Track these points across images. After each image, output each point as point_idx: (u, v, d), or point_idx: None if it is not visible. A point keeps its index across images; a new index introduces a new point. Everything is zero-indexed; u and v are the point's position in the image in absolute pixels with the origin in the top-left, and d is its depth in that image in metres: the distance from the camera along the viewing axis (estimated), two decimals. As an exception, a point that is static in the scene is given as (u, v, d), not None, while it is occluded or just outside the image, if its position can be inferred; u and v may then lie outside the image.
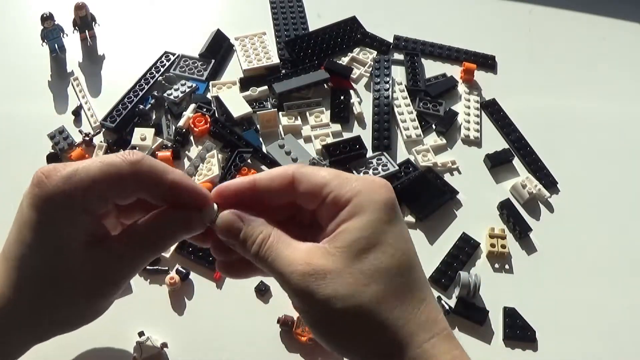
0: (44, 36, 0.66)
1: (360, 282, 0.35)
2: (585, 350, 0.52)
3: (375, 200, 0.37)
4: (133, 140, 0.60)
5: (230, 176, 0.58)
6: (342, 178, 0.38)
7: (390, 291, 0.35)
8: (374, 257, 0.35)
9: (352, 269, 0.35)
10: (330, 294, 0.34)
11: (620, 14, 0.79)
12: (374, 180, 0.38)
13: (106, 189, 0.38)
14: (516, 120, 0.67)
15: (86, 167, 0.38)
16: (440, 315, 0.36)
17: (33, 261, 0.38)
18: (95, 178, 0.38)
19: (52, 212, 0.38)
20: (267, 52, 0.70)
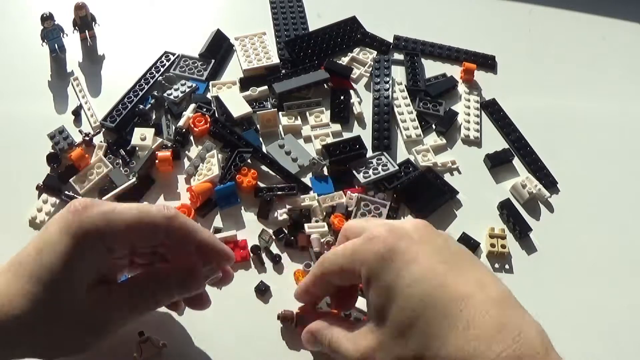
0: (44, 36, 0.66)
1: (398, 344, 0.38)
2: (585, 350, 0.52)
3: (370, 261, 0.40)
4: (133, 140, 0.60)
5: (230, 176, 0.58)
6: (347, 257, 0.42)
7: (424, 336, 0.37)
8: (395, 316, 0.38)
9: (386, 338, 0.39)
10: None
11: (620, 14, 0.79)
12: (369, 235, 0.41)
13: (137, 237, 0.40)
14: (516, 120, 0.67)
15: (123, 211, 0.39)
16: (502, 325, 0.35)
17: (49, 284, 0.38)
18: (130, 224, 0.39)
19: (81, 244, 0.38)
20: (267, 52, 0.70)
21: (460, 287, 0.37)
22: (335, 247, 0.45)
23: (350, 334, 0.42)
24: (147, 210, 0.40)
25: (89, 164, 0.59)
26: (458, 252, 0.41)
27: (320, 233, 0.55)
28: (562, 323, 0.53)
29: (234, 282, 0.53)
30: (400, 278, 0.38)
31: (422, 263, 0.38)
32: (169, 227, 0.40)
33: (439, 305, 0.36)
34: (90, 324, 0.40)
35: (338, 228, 0.54)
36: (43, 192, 0.57)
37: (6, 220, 0.56)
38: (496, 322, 0.35)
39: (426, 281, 0.37)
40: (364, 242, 0.41)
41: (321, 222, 0.56)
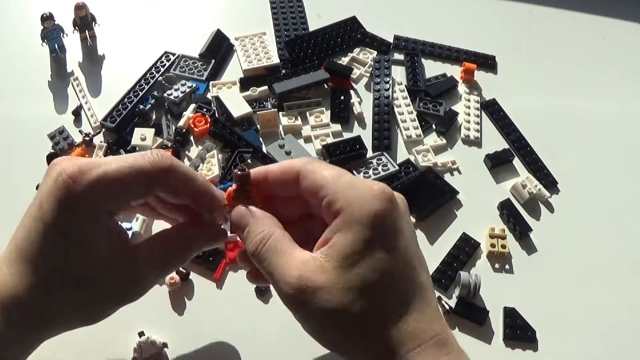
0: (44, 36, 0.66)
1: (349, 298, 0.35)
2: (585, 350, 0.52)
3: (366, 213, 0.36)
4: (133, 141, 0.60)
5: (229, 176, 0.58)
6: (339, 183, 0.38)
7: (378, 306, 0.36)
8: (363, 273, 0.36)
9: (342, 285, 0.35)
10: (320, 309, 0.35)
11: (620, 14, 0.79)
12: (371, 188, 0.37)
13: (133, 196, 0.39)
14: (516, 120, 0.67)
15: (114, 171, 0.38)
16: (434, 323, 0.37)
17: (57, 263, 0.38)
18: (124, 182, 0.38)
19: (79, 217, 0.38)
20: (267, 52, 0.70)
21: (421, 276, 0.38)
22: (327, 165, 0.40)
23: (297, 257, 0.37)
24: (138, 165, 0.38)
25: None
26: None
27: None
28: (562, 323, 0.54)
29: (234, 282, 0.53)
30: (386, 243, 0.36)
31: (405, 239, 0.38)
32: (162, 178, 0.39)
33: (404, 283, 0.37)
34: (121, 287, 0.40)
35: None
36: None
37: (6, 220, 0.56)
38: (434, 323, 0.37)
39: (404, 258, 0.37)
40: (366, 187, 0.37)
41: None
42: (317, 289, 0.35)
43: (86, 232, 0.38)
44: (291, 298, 0.36)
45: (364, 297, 0.35)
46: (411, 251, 0.38)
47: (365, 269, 0.36)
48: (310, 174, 0.39)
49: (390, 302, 0.36)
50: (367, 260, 0.36)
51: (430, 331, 0.36)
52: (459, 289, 0.53)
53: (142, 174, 0.38)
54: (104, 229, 0.38)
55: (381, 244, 0.36)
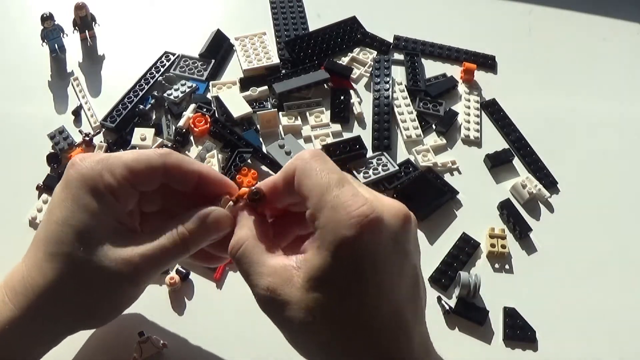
0: (44, 36, 0.66)
1: (309, 319, 0.35)
2: (585, 350, 0.52)
3: (337, 241, 0.34)
4: (133, 140, 0.60)
5: (230, 176, 0.58)
6: (323, 198, 0.35)
7: (339, 335, 0.35)
8: (325, 299, 0.34)
9: (305, 305, 0.35)
10: (287, 321, 0.36)
11: (620, 14, 0.79)
12: (349, 213, 0.34)
13: (137, 178, 0.40)
14: (516, 120, 0.67)
15: (119, 155, 0.40)
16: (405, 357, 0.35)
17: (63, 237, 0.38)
18: (128, 163, 0.40)
19: (82, 190, 0.39)
20: (267, 52, 0.70)
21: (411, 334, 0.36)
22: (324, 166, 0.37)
23: (268, 265, 0.36)
24: (141, 151, 0.41)
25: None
26: (418, 279, 0.39)
27: None
28: (562, 323, 0.54)
29: (234, 282, 0.53)
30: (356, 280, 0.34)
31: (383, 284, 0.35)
32: (165, 163, 0.40)
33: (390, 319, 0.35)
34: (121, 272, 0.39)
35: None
36: (43, 192, 0.57)
37: (6, 220, 0.56)
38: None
39: (383, 288, 0.35)
40: (345, 208, 0.34)
41: None
42: (283, 303, 0.35)
43: (89, 206, 0.38)
44: (262, 306, 0.37)
45: (326, 322, 0.35)
46: (388, 283, 0.35)
47: (329, 296, 0.34)
48: (302, 178, 0.37)
49: (353, 335, 0.34)
50: (328, 287, 0.34)
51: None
52: (459, 289, 0.53)
53: (144, 155, 0.40)
54: (108, 207, 0.39)
55: (348, 274, 0.34)
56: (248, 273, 0.37)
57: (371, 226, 0.34)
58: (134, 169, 0.40)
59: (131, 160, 0.40)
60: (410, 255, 0.36)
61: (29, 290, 0.39)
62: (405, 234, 0.36)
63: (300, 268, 0.35)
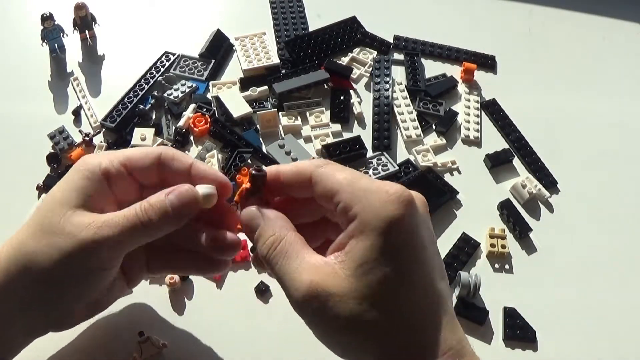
0: (44, 36, 0.66)
1: (362, 307, 0.34)
2: (585, 350, 0.52)
3: (381, 220, 0.34)
4: (133, 140, 0.60)
5: (230, 176, 0.58)
6: (354, 187, 0.36)
7: (392, 316, 0.34)
8: (377, 282, 0.34)
9: (356, 294, 0.34)
10: (332, 317, 0.34)
11: (620, 14, 0.79)
12: (387, 192, 0.35)
13: (132, 161, 0.42)
14: (516, 120, 0.67)
15: (123, 150, 0.44)
16: (452, 334, 0.36)
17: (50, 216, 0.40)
18: (126, 152, 0.42)
19: (78, 174, 0.41)
20: (267, 52, 0.70)
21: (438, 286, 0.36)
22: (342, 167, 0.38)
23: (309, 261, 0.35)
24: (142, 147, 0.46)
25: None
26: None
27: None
28: (562, 323, 0.54)
29: (234, 282, 0.53)
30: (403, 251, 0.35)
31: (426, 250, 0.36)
32: (161, 153, 0.42)
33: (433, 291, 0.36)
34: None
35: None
36: (43, 192, 0.57)
37: (6, 220, 0.56)
38: (450, 324, 0.36)
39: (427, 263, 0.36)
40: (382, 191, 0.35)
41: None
42: (329, 296, 0.34)
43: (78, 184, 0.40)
44: (301, 304, 0.35)
45: (378, 306, 0.34)
46: (429, 258, 0.36)
47: (380, 278, 0.34)
48: (323, 178, 0.37)
49: (406, 312, 0.35)
50: (382, 268, 0.34)
51: (447, 344, 0.35)
52: (459, 289, 0.53)
53: (142, 148, 0.44)
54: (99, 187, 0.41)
55: (397, 252, 0.35)
56: (285, 271, 0.36)
57: (410, 205, 0.35)
58: (131, 156, 0.42)
59: (130, 150, 0.43)
60: (433, 234, 0.38)
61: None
62: (427, 213, 0.38)
63: (343, 261, 0.35)
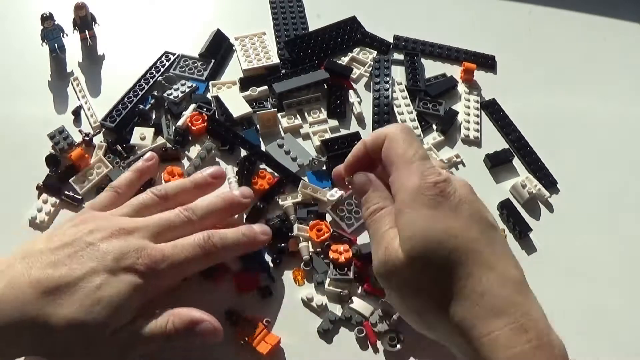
0: (44, 36, 0.66)
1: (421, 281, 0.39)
2: (585, 351, 0.52)
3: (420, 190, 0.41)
4: (132, 140, 0.60)
5: (246, 182, 0.58)
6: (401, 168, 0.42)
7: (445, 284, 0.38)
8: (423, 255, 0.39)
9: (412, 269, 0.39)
10: (398, 289, 0.41)
11: (620, 14, 0.79)
12: (420, 185, 0.41)
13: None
14: (516, 120, 0.67)
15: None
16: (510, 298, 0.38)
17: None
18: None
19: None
20: (267, 52, 0.70)
21: (487, 257, 0.39)
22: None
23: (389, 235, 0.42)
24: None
25: (89, 164, 0.59)
26: (495, 227, 0.42)
27: (306, 238, 0.55)
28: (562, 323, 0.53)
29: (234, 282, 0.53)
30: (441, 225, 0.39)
31: (461, 221, 0.40)
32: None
33: (466, 264, 0.38)
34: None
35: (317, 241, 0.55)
36: (43, 192, 0.57)
37: (6, 220, 0.56)
38: (511, 297, 0.38)
39: (459, 239, 0.39)
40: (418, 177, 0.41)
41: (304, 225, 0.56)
42: (393, 272, 0.40)
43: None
44: (376, 274, 0.42)
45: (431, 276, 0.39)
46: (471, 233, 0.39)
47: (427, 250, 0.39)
48: (389, 147, 0.44)
49: (457, 277, 0.38)
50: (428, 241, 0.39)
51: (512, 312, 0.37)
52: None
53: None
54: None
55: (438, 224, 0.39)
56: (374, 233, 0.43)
57: (443, 190, 0.40)
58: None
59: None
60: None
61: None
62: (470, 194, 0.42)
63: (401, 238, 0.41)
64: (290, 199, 0.58)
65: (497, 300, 0.37)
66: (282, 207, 0.57)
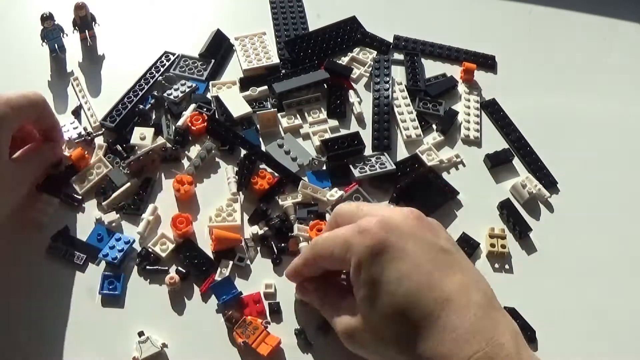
0: (44, 36, 0.66)
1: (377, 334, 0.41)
2: (585, 350, 0.52)
3: (360, 252, 0.41)
4: (132, 139, 0.60)
5: (246, 181, 0.58)
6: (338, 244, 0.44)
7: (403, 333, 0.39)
8: (379, 308, 0.40)
9: (369, 325, 0.42)
10: (360, 348, 0.44)
11: (620, 14, 0.79)
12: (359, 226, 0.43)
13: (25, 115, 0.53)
14: (516, 120, 0.67)
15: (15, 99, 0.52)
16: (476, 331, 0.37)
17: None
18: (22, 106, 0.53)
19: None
20: (267, 52, 0.70)
21: (445, 288, 0.39)
22: (327, 232, 0.48)
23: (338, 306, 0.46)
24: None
25: (89, 164, 0.59)
26: (446, 250, 0.42)
27: (306, 238, 0.55)
28: (562, 323, 0.54)
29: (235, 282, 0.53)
30: (387, 274, 0.40)
31: (409, 260, 0.40)
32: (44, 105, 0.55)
33: (422, 304, 0.38)
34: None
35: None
36: (43, 192, 0.57)
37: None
38: (473, 326, 0.37)
39: (412, 280, 0.39)
40: (354, 233, 0.43)
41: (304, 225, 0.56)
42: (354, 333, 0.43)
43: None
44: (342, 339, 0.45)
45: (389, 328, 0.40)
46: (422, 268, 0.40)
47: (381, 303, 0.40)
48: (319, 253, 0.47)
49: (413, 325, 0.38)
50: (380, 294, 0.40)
51: (470, 342, 0.37)
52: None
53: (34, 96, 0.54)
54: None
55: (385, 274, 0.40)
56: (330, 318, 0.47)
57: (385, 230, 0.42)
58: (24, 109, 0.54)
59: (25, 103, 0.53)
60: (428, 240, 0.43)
61: None
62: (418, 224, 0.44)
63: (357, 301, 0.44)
64: (290, 199, 0.58)
65: (459, 332, 0.37)
66: (282, 207, 0.57)
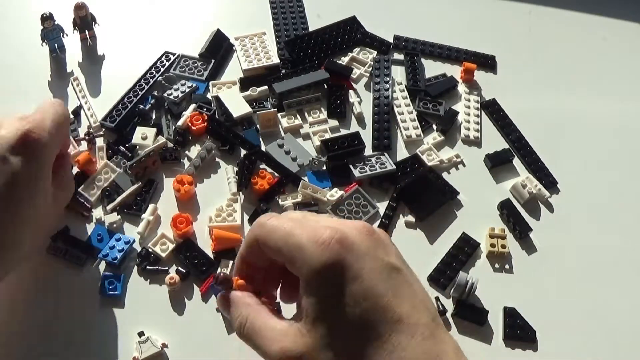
0: (44, 36, 0.66)
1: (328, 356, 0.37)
2: (585, 350, 0.52)
3: (316, 272, 0.38)
4: (134, 139, 0.60)
5: (246, 182, 0.58)
6: (289, 245, 0.39)
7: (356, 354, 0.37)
8: (333, 329, 0.37)
9: (320, 346, 0.38)
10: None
11: (620, 14, 0.79)
12: (316, 241, 0.38)
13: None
14: (516, 120, 0.67)
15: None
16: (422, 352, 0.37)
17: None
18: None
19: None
20: (267, 52, 0.70)
21: (397, 309, 0.38)
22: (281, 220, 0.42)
23: (276, 329, 0.40)
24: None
25: (96, 169, 0.58)
26: (397, 268, 0.40)
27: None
28: (562, 323, 0.54)
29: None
30: (344, 295, 0.38)
31: (365, 282, 0.38)
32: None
33: (377, 326, 0.37)
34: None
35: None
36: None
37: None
38: (420, 345, 0.37)
39: (368, 301, 0.38)
40: (310, 241, 0.39)
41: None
42: (298, 357, 0.38)
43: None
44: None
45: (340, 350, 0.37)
46: (377, 290, 0.38)
47: (334, 324, 0.37)
48: (265, 240, 0.41)
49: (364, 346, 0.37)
50: (333, 315, 0.38)
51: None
52: (454, 288, 0.53)
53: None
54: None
55: (341, 295, 0.37)
56: (259, 345, 0.40)
57: (342, 244, 0.38)
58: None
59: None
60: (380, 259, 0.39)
61: None
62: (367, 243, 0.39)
63: (302, 319, 0.39)
64: (290, 199, 0.58)
65: (408, 352, 0.37)
66: (282, 207, 0.57)
